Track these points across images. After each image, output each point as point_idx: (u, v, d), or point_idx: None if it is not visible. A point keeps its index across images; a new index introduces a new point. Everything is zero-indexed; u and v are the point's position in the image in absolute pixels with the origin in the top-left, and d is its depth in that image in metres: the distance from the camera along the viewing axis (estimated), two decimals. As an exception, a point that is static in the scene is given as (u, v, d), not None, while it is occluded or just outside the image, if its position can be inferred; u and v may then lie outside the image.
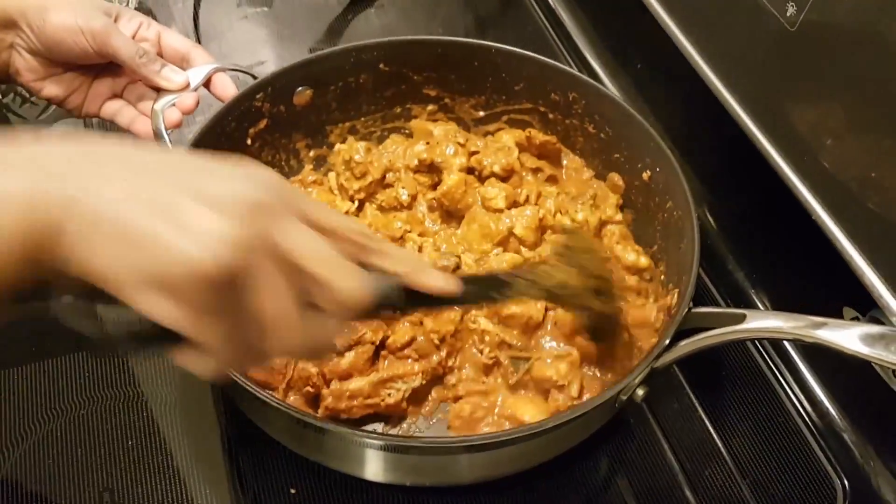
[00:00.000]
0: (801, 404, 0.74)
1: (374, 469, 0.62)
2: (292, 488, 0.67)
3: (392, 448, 0.58)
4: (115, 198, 0.35)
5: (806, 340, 0.54)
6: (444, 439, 0.63)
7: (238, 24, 1.07)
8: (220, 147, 0.73)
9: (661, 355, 0.59)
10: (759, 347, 0.78)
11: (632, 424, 0.72)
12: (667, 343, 0.59)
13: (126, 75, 0.73)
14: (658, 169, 0.73)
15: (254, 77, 0.77)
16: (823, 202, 0.63)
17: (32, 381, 0.72)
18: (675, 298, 0.66)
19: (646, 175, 0.75)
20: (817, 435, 0.72)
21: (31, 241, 0.34)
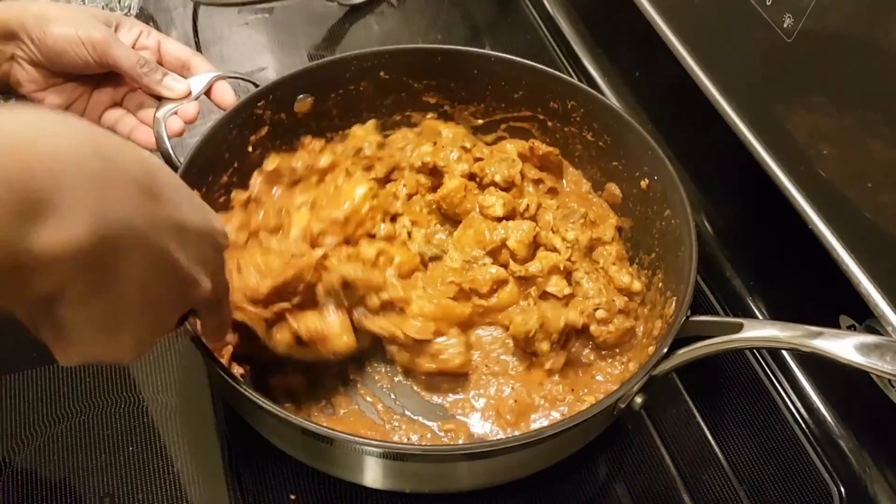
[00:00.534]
0: (798, 411, 0.75)
1: (374, 476, 0.62)
2: (292, 494, 0.67)
3: (391, 455, 0.59)
4: None
5: (802, 350, 0.55)
6: (443, 447, 0.64)
7: (238, 31, 1.07)
8: (221, 154, 0.74)
9: (659, 363, 0.59)
10: (756, 355, 0.78)
11: (630, 431, 0.73)
12: (665, 351, 0.59)
13: (126, 84, 0.74)
14: (656, 177, 0.74)
15: (255, 84, 0.77)
16: (820, 211, 0.64)
17: (33, 387, 0.72)
18: (673, 306, 0.66)
19: (644, 183, 0.75)
20: (814, 442, 0.73)
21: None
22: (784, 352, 0.77)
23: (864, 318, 0.66)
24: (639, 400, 0.60)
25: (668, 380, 0.76)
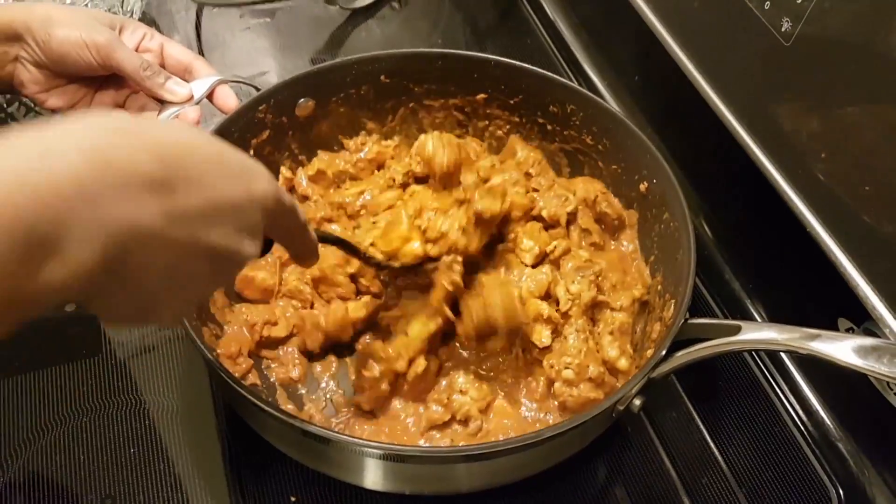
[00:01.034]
0: (797, 414, 0.75)
1: (374, 478, 0.62)
2: (293, 496, 0.67)
3: (390, 457, 0.59)
4: None
5: (801, 352, 0.55)
6: (443, 449, 0.64)
7: (240, 35, 1.08)
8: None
9: (657, 366, 0.59)
10: (755, 357, 0.79)
11: (629, 433, 0.73)
12: (663, 354, 0.59)
13: (129, 87, 0.74)
14: (655, 180, 0.74)
15: (256, 88, 0.77)
16: (818, 214, 0.64)
17: (36, 390, 0.72)
18: (671, 309, 0.66)
19: (643, 186, 0.76)
20: (813, 444, 0.73)
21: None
22: (783, 354, 0.78)
23: (863, 320, 0.66)
24: (637, 402, 0.60)
25: (667, 382, 0.76)
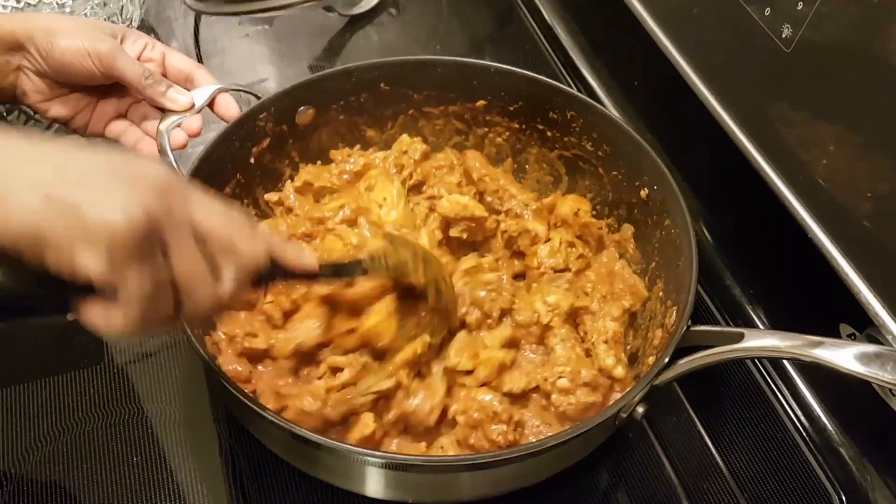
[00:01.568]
0: (799, 420, 0.75)
1: (376, 486, 0.62)
2: (294, 505, 0.67)
3: (392, 466, 0.59)
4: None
5: (803, 359, 0.55)
6: (445, 458, 0.64)
7: (239, 42, 1.08)
8: (224, 165, 0.74)
9: (660, 373, 0.59)
10: (757, 364, 0.79)
11: (632, 440, 0.73)
12: (666, 361, 0.59)
13: (131, 95, 0.74)
14: (656, 187, 0.74)
15: (256, 96, 0.78)
16: (819, 220, 0.64)
17: (39, 399, 0.72)
18: (673, 316, 0.66)
19: (643, 193, 0.76)
20: (815, 450, 0.73)
21: None
22: (785, 361, 0.78)
23: (865, 326, 0.66)
24: (640, 410, 0.60)
25: (669, 389, 0.76)
